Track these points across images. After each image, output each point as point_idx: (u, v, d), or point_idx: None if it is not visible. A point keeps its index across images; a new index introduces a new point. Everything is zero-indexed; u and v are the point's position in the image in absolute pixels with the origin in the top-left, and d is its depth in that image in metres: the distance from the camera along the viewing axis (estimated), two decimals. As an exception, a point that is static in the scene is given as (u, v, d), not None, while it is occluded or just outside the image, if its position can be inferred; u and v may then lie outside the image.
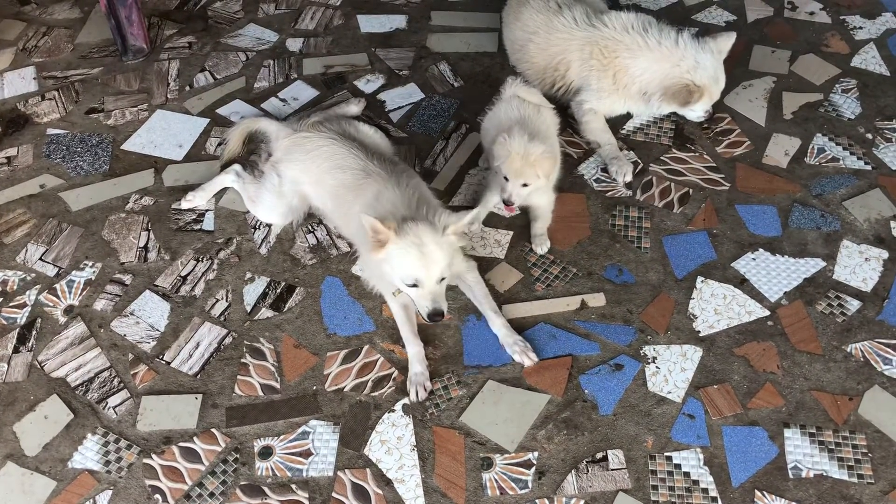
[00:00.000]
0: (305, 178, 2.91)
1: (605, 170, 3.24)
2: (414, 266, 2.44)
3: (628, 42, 3.23)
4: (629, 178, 3.19)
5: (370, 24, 3.94)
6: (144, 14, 3.81)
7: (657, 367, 2.67)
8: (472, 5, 4.01)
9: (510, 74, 3.60)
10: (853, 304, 2.82)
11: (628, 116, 3.46)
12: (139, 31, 3.70)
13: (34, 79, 3.68)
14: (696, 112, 3.34)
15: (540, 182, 2.82)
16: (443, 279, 2.50)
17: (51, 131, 3.44)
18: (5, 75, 3.70)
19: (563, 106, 3.44)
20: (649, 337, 2.74)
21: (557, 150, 3.01)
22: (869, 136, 3.37)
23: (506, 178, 2.81)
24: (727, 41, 3.25)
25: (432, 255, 2.44)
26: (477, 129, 3.38)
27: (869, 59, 3.71)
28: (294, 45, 3.84)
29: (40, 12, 4.04)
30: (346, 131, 2.99)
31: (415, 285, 2.48)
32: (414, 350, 2.67)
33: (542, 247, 2.98)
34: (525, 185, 2.80)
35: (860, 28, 3.87)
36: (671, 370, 2.66)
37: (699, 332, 2.76)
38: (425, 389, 2.60)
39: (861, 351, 2.70)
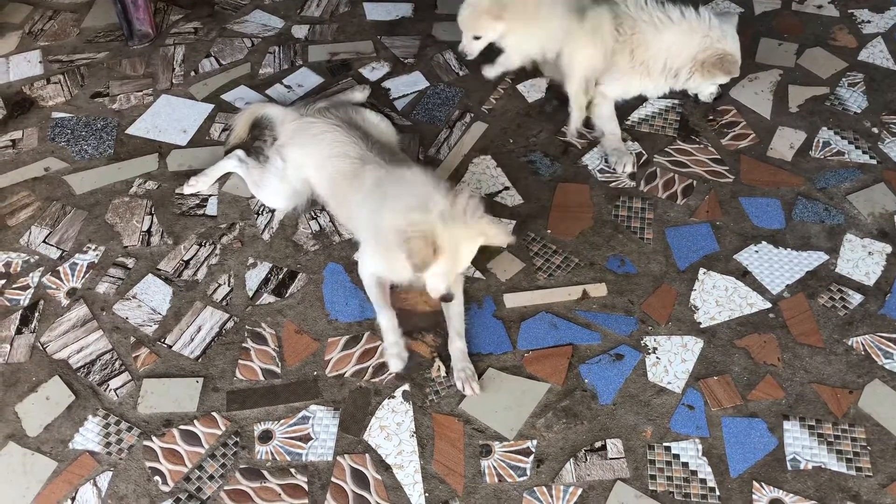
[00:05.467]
0: (309, 161, 2.91)
1: (609, 160, 3.24)
2: (446, 267, 2.44)
3: (647, 18, 3.20)
4: (629, 169, 3.18)
5: (376, 11, 3.93)
6: (150, -1, 3.82)
7: (657, 358, 2.67)
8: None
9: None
10: (855, 298, 2.81)
11: (633, 106, 3.45)
12: (145, 16, 3.70)
13: (40, 62, 3.69)
14: (711, 88, 3.36)
15: (494, 33, 3.20)
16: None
17: (56, 115, 3.44)
18: (11, 58, 3.71)
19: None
20: (650, 327, 2.75)
21: None
22: (875, 130, 3.35)
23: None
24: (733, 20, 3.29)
25: (463, 256, 2.46)
26: (481, 119, 3.39)
27: (876, 54, 3.69)
28: (300, 31, 3.83)
29: (47, -4, 4.05)
30: (351, 119, 3.00)
31: None
32: (386, 318, 2.65)
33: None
34: (477, 37, 3.20)
35: (868, 22, 3.85)
36: (671, 361, 2.66)
37: (700, 323, 2.76)
38: (402, 360, 2.60)
39: (862, 344, 2.69)
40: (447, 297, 2.51)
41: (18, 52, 3.74)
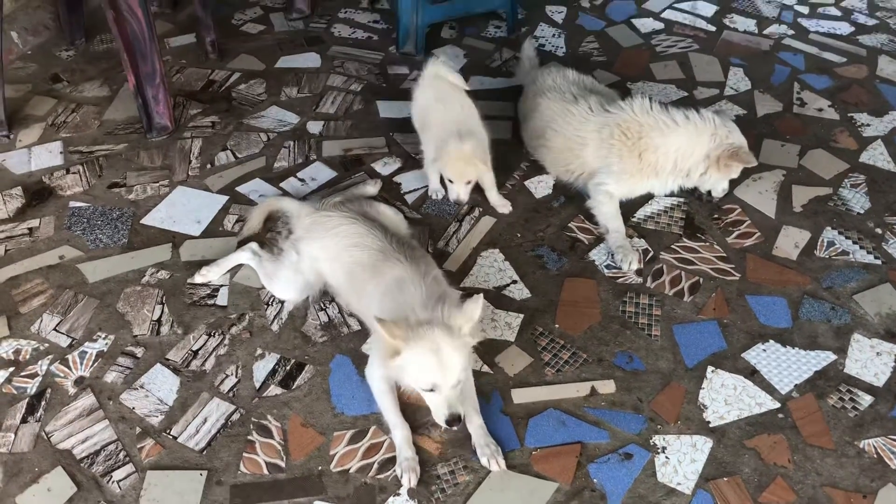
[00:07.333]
0: (323, 254, 2.95)
1: (614, 257, 3.28)
2: (431, 372, 2.43)
3: (652, 122, 3.33)
4: (634, 266, 3.22)
5: (389, 109, 4.06)
6: (171, 93, 3.95)
7: (667, 458, 2.64)
8: (487, 95, 4.13)
9: (524, 161, 3.71)
10: (865, 399, 2.79)
11: (639, 204, 3.51)
12: (165, 109, 3.83)
13: (60, 153, 3.79)
14: (724, 184, 3.47)
15: (481, 170, 3.30)
16: (458, 382, 2.48)
17: (73, 204, 3.52)
18: (33, 149, 3.81)
19: (578, 192, 3.52)
20: (659, 426, 2.72)
21: (483, 131, 3.39)
22: (878, 230, 3.40)
23: (450, 181, 3.33)
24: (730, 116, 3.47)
25: (449, 360, 2.42)
26: (490, 213, 3.45)
27: (877, 156, 3.78)
28: (314, 127, 3.95)
29: (71, 90, 4.18)
30: (366, 212, 3.07)
31: (431, 390, 2.46)
32: (402, 434, 2.63)
33: (505, 208, 3.46)
34: (469, 181, 3.33)
35: (868, 125, 3.95)
36: (681, 461, 2.63)
37: (709, 422, 2.73)
38: (416, 474, 2.56)
39: (874, 447, 2.66)
40: (453, 420, 2.45)
41: (41, 142, 3.84)
